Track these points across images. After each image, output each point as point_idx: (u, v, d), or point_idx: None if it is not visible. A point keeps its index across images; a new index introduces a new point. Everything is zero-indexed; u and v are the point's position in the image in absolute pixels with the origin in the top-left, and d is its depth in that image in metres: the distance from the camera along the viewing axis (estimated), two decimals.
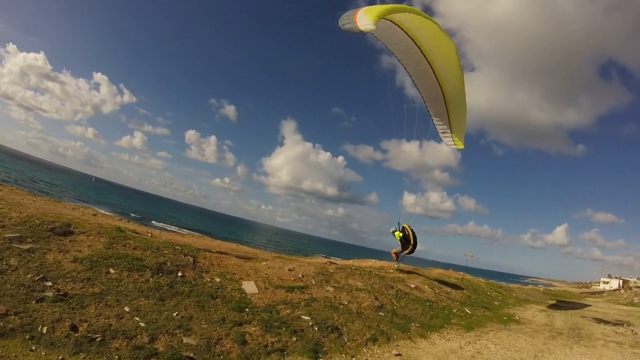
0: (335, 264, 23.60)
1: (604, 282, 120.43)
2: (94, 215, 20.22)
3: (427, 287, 23.90)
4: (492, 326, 19.98)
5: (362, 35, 13.80)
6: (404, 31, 15.49)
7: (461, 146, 19.78)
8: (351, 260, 28.54)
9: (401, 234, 21.85)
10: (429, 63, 16.67)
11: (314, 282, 17.83)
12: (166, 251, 15.30)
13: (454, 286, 28.21)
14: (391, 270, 25.21)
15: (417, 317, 18.19)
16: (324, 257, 34.94)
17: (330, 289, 17.70)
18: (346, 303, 16.71)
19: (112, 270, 12.43)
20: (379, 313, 16.90)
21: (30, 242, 12.53)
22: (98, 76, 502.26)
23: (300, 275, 18.11)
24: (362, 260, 31.07)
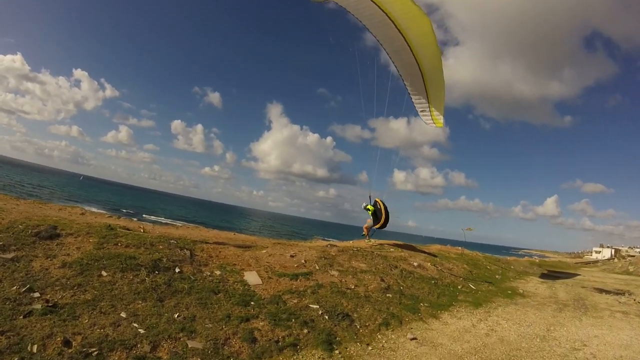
0: (336, 246, 23.12)
1: (596, 252, 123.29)
2: (82, 214, 19.29)
3: (429, 264, 23.82)
4: (498, 301, 20.00)
5: (343, 13, 13.84)
6: (377, 5, 14.90)
7: (440, 124, 19.59)
8: (350, 242, 28.31)
9: (373, 208, 21.32)
10: (404, 39, 16.19)
11: (317, 268, 17.31)
12: (161, 246, 14.50)
13: (454, 262, 28.29)
14: (391, 250, 24.95)
15: (424, 296, 17.97)
16: (322, 239, 34.61)
17: (335, 273, 17.23)
18: (353, 287, 16.26)
19: (104, 273, 11.58)
20: (387, 295, 16.51)
21: (14, 250, 11.63)
22: (78, 72, 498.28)
23: (303, 261, 17.56)
24: (361, 240, 30.67)
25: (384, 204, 21.35)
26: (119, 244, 13.70)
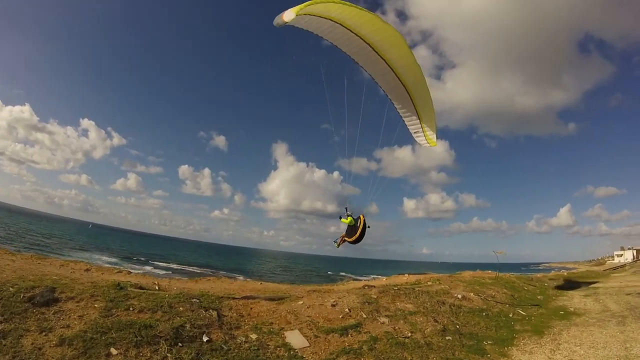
0: (374, 286, 21.89)
1: (618, 256, 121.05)
2: (87, 270, 16.89)
3: (472, 294, 23.14)
4: (557, 324, 19.04)
5: (338, 48, 15.13)
6: (350, 30, 14.72)
7: (434, 144, 18.99)
8: (384, 279, 28.28)
9: (352, 222, 19.42)
10: (385, 62, 16.01)
11: (364, 316, 15.51)
12: (182, 308, 12.06)
13: (493, 287, 27.91)
14: (429, 283, 24.52)
15: (483, 332, 16.86)
16: (353, 279, 32.83)
17: (385, 320, 15.58)
18: (409, 334, 14.55)
19: (113, 351, 9.03)
20: (446, 338, 15.02)
21: (1, 322, 9.23)
22: (85, 122, 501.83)
23: (347, 310, 15.70)
24: (395, 276, 30.64)
25: (364, 224, 19.51)
26: (131, 309, 11.24)
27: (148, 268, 63.29)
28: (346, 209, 18.97)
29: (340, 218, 18.88)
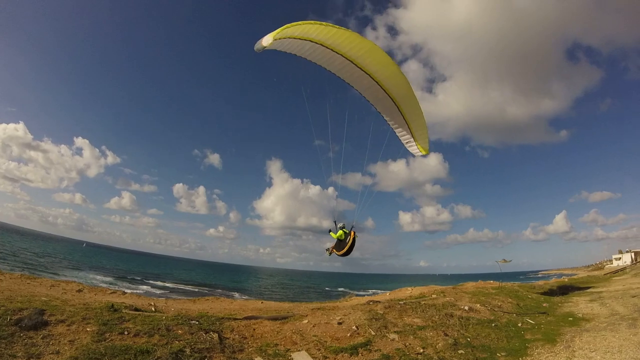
0: (379, 301, 21.19)
1: (616, 259, 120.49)
2: (79, 291, 16.10)
3: (478, 305, 22.84)
4: (567, 331, 18.56)
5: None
6: (331, 49, 15.36)
7: (425, 152, 19.56)
8: (388, 293, 28.20)
9: (342, 236, 19.05)
10: (369, 75, 16.48)
11: (372, 333, 14.91)
12: (180, 331, 11.29)
13: (497, 297, 27.66)
14: (434, 296, 24.31)
15: (494, 344, 16.25)
16: (356, 295, 32.36)
17: (394, 336, 15.01)
18: (421, 350, 14.06)
19: None
20: (459, 351, 14.47)
21: None
22: (79, 141, 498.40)
23: (354, 327, 15.09)
24: (398, 290, 30.55)
25: (353, 240, 19.22)
26: (126, 333, 10.49)
27: (144, 287, 62.22)
28: (335, 222, 18.78)
29: (330, 232, 18.67)
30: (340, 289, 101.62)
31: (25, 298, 11.97)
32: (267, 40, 12.74)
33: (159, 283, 74.61)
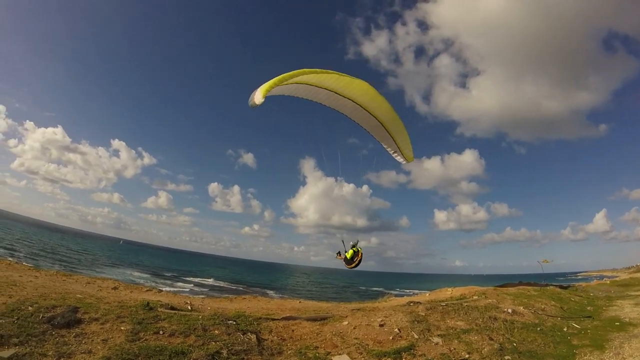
0: (420, 302, 20.66)
1: None
2: (115, 288, 15.84)
3: (522, 308, 21.84)
4: (615, 337, 17.44)
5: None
6: (315, 86, 17.14)
7: (411, 159, 21.26)
8: (427, 293, 27.13)
9: (351, 254, 19.77)
10: (353, 101, 18.31)
11: (415, 336, 14.25)
12: (217, 332, 10.83)
13: (540, 299, 26.37)
14: (475, 298, 23.50)
15: (541, 349, 15.39)
16: (395, 296, 31.71)
17: (438, 340, 14.34)
18: (467, 356, 13.36)
19: None
20: (505, 357, 13.73)
21: (15, 344, 8.19)
22: (116, 143, 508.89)
23: (396, 330, 14.42)
24: (438, 290, 28.77)
25: (360, 259, 19.88)
26: (161, 332, 10.09)
27: (179, 284, 62.80)
28: (342, 241, 19.89)
29: (339, 254, 19.35)
30: (375, 289, 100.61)
31: (60, 295, 11.72)
32: (259, 99, 14.01)
33: (195, 280, 75.29)
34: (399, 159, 21.15)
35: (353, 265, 20.07)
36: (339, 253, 20.08)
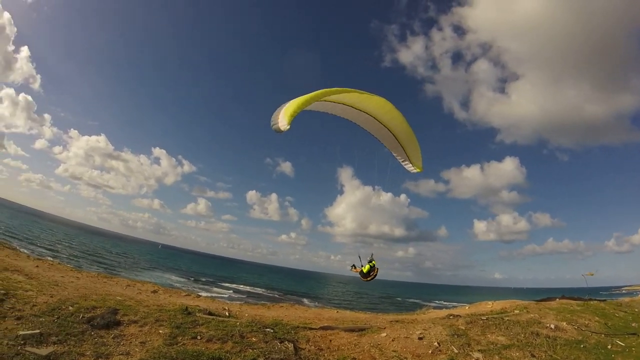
0: (459, 315, 20.26)
1: None
2: (154, 292, 15.93)
3: (564, 323, 20.96)
4: None
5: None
6: (331, 102, 17.19)
7: (420, 169, 20.75)
8: (467, 306, 26.50)
9: (368, 268, 19.30)
10: (367, 113, 18.40)
11: (455, 350, 13.71)
12: (254, 339, 10.67)
13: (583, 315, 25.05)
14: (516, 312, 22.77)
15: None
16: (433, 308, 31.10)
17: (478, 355, 13.79)
18: None
19: None
20: None
21: (54, 343, 8.24)
22: (157, 151, 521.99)
23: (435, 344, 13.92)
24: (478, 304, 28.04)
25: (376, 273, 19.43)
26: (199, 337, 10.01)
27: (216, 290, 63.29)
28: (359, 257, 19.38)
29: (354, 267, 18.82)
30: (411, 300, 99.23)
31: (100, 297, 11.82)
32: (284, 126, 13.59)
33: (231, 286, 75.79)
34: (409, 167, 20.86)
35: (369, 279, 20.23)
36: (353, 266, 20.19)
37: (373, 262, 20.04)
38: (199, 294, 20.08)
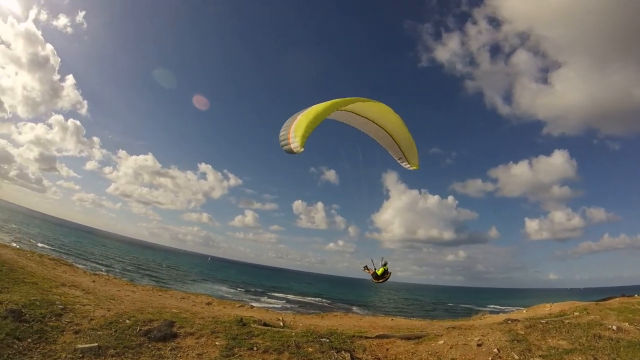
0: (518, 320, 19.60)
1: None
2: (209, 304, 16.02)
3: (627, 324, 19.33)
4: None
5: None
6: (342, 111, 17.34)
7: (416, 166, 20.73)
8: (524, 310, 25.70)
9: (382, 271, 18.96)
10: (366, 118, 18.70)
11: (516, 357, 13.17)
12: (310, 349, 10.51)
13: None
14: (576, 314, 21.73)
15: None
16: (489, 313, 30.36)
17: None
18: None
19: None
20: None
21: (112, 356, 8.35)
22: (203, 166, 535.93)
23: (495, 350, 13.41)
24: (536, 307, 27.15)
25: (388, 277, 19.21)
26: (255, 348, 9.89)
27: (266, 299, 63.64)
28: (372, 260, 19.09)
29: (366, 268, 18.77)
30: (464, 305, 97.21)
31: (156, 310, 11.91)
32: (297, 149, 13.05)
33: (282, 295, 76.04)
34: (405, 165, 20.83)
35: (381, 281, 20.12)
36: (366, 267, 20.03)
37: (387, 267, 20.02)
38: (252, 304, 20.10)
